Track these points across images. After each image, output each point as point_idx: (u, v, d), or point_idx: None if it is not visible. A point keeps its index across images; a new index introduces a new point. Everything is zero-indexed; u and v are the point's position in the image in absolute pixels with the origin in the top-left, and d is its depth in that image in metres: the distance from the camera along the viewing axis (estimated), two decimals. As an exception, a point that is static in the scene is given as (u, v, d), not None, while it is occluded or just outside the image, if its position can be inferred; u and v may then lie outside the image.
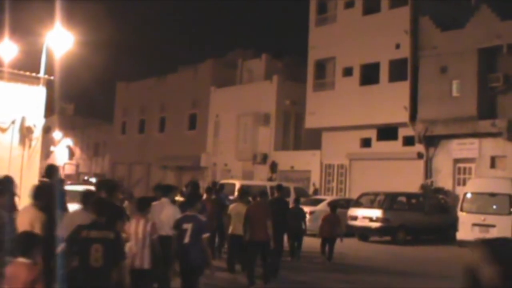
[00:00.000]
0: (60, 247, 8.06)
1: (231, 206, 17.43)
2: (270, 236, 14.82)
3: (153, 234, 10.13)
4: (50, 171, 11.81)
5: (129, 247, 9.83)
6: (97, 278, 7.51)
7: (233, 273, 16.69)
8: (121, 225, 9.09)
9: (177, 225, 10.63)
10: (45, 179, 11.72)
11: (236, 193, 22.92)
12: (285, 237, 18.84)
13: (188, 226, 10.33)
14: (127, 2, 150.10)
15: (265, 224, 14.72)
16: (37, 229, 8.88)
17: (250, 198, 17.26)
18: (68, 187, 16.17)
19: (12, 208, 10.06)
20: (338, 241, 20.88)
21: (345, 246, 23.69)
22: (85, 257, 7.52)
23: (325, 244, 20.39)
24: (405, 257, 23.34)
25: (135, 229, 10.07)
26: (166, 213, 11.81)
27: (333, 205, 21.87)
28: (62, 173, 71.10)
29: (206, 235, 10.54)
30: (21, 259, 6.69)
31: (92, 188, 12.22)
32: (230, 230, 16.79)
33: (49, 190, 10.34)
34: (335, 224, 20.43)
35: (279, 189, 18.76)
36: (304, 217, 21.56)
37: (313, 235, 26.94)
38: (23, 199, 11.71)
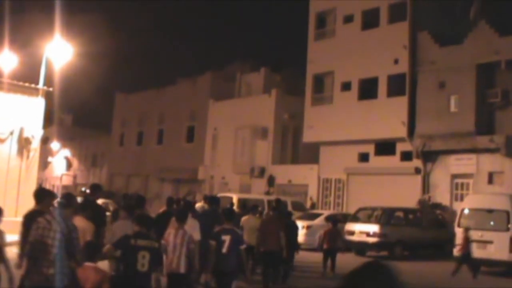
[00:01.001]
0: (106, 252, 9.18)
1: (243, 218, 18.47)
2: (283, 247, 16.15)
3: (191, 244, 11.28)
4: (94, 189, 13.46)
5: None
6: (143, 281, 8.61)
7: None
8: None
9: (216, 236, 11.71)
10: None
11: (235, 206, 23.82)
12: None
13: (226, 238, 11.50)
14: (126, 13, 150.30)
15: (278, 236, 16.01)
16: (88, 237, 9.97)
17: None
18: None
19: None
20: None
21: (342, 261, 23.64)
22: (133, 263, 8.57)
23: (327, 257, 21.09)
24: (402, 272, 23.23)
25: (173, 238, 11.14)
26: (188, 224, 12.46)
27: (333, 219, 23.07)
28: (59, 184, 71.04)
29: (242, 246, 11.86)
30: (89, 264, 8.26)
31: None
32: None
33: (94, 204, 11.97)
34: (336, 238, 21.49)
35: (277, 203, 20.23)
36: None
37: (311, 250, 27.00)
38: (22, 207, 11.74)
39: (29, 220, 9.11)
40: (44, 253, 8.10)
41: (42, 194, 9.65)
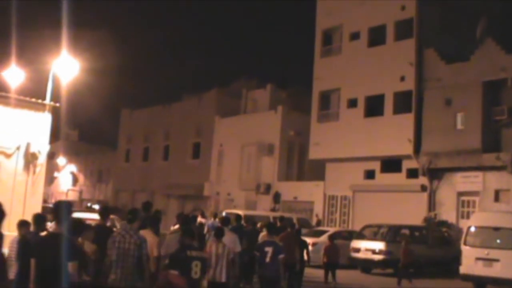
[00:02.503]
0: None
1: (262, 235, 19.02)
2: (297, 260, 18.01)
3: (230, 255, 12.74)
4: (147, 206, 14.83)
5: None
6: (195, 287, 10.00)
7: None
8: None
9: (260, 248, 13.77)
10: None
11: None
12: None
13: (269, 249, 13.38)
14: (133, 30, 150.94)
15: (294, 250, 17.65)
16: (154, 249, 10.96)
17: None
18: None
19: None
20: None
21: (348, 278, 23.66)
22: (187, 271, 10.01)
23: (328, 271, 22.71)
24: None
25: (215, 249, 12.48)
26: (227, 238, 13.86)
27: (331, 236, 24.64)
28: (65, 199, 70.97)
29: (281, 256, 13.49)
30: (173, 271, 9.74)
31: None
32: None
33: (155, 220, 13.13)
34: (336, 253, 23.12)
35: (281, 220, 22.28)
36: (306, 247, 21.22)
37: (317, 267, 26.89)
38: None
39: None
40: (123, 262, 9.52)
41: (106, 211, 10.54)
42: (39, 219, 11.14)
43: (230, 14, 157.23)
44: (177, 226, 16.89)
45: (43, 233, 8.90)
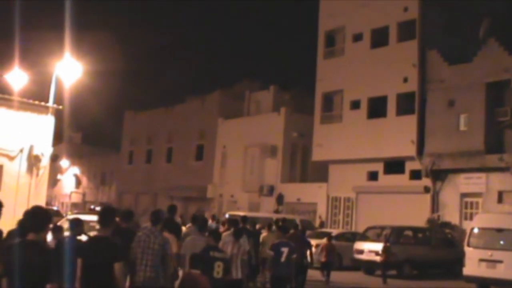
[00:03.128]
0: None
1: (264, 235, 20.27)
2: (303, 260, 18.44)
3: (244, 255, 13.55)
4: (172, 209, 15.52)
5: None
6: (217, 286, 10.53)
7: None
8: None
9: (276, 248, 14.60)
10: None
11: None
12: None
13: (284, 250, 14.30)
14: (136, 32, 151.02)
15: (299, 251, 17.37)
16: (174, 249, 11.25)
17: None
18: None
19: None
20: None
21: (351, 279, 23.67)
22: (210, 271, 10.58)
23: (324, 269, 23.96)
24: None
25: (231, 249, 13.05)
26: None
27: (330, 237, 25.52)
28: (68, 201, 71.17)
29: (294, 256, 14.55)
30: (195, 271, 9.92)
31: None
32: (263, 255, 19.14)
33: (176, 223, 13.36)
34: (333, 252, 24.40)
35: (283, 222, 22.85)
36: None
37: (320, 268, 26.90)
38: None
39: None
40: (147, 261, 9.82)
41: (130, 215, 10.74)
42: (76, 223, 11.43)
43: (233, 16, 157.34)
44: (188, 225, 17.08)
45: (90, 236, 9.61)
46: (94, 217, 16.25)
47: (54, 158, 47.78)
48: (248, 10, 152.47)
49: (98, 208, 48.24)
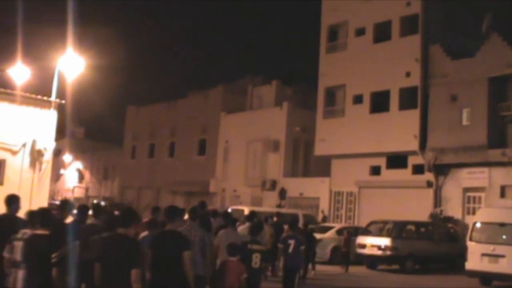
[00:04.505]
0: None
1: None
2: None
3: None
4: (203, 205, 16.32)
5: None
6: (255, 275, 11.72)
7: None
8: None
9: (284, 240, 15.37)
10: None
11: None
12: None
13: (291, 242, 15.06)
14: (139, 26, 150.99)
15: None
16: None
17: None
18: None
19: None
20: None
21: (354, 274, 23.69)
22: (249, 261, 11.69)
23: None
24: (414, 286, 23.23)
25: None
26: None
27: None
28: (71, 196, 71.25)
29: (303, 247, 15.47)
30: (232, 258, 11.18)
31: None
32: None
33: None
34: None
35: (278, 216, 24.61)
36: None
37: (323, 263, 26.98)
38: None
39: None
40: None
41: (174, 211, 10.76)
42: (83, 210, 12.40)
43: (235, 11, 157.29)
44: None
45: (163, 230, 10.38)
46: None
47: (57, 153, 47.86)
48: (251, 5, 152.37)
49: (102, 203, 48.31)
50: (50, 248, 8.71)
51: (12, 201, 10.79)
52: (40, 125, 23.75)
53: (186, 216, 12.26)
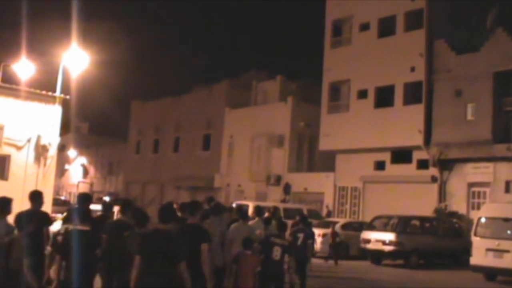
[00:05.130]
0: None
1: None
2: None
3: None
4: (211, 199, 16.12)
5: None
6: (276, 267, 12.34)
7: None
8: None
9: (294, 234, 16.25)
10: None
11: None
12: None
13: (300, 235, 16.10)
14: (143, 21, 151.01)
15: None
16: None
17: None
18: None
19: None
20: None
21: (358, 269, 23.68)
22: (269, 254, 12.30)
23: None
24: (418, 281, 23.22)
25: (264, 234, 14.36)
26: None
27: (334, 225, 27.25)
28: (76, 191, 71.36)
29: (310, 241, 16.58)
30: (247, 251, 11.77)
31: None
32: None
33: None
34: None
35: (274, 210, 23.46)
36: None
37: (327, 258, 26.99)
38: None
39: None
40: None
41: (195, 206, 11.11)
42: (85, 197, 12.31)
43: (240, 6, 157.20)
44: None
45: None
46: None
47: (62, 148, 47.89)
48: (256, 0, 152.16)
49: (106, 198, 48.39)
50: (90, 242, 9.09)
51: (35, 196, 11.44)
52: (44, 121, 23.76)
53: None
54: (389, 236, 27.29)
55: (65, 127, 29.93)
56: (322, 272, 22.31)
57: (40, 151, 23.53)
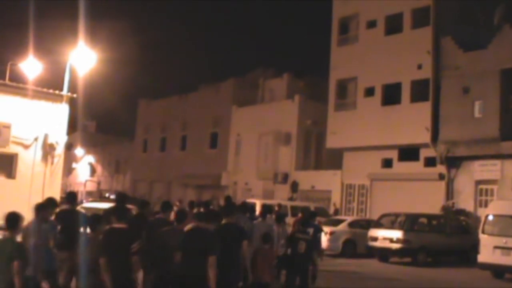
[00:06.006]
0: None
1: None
2: None
3: (286, 234, 15.61)
4: (229, 199, 17.38)
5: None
6: (301, 259, 14.13)
7: None
8: None
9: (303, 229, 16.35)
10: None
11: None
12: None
13: (310, 230, 16.37)
14: (150, 20, 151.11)
15: None
16: None
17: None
18: None
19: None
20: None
21: (365, 266, 23.65)
22: (295, 247, 14.08)
23: None
24: (426, 279, 23.21)
25: (277, 230, 15.15)
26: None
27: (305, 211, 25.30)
28: (83, 190, 71.49)
29: (319, 234, 17.85)
30: (266, 245, 12.95)
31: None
32: None
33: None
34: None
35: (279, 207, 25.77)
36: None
37: (335, 255, 26.98)
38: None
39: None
40: None
41: (232, 207, 12.53)
42: (73, 196, 13.53)
43: (246, 4, 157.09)
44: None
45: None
46: (107, 205, 16.86)
47: (69, 147, 47.97)
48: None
49: (112, 196, 48.45)
50: (128, 240, 9.48)
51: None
52: (52, 119, 23.80)
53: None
54: (397, 234, 27.27)
55: (72, 126, 29.96)
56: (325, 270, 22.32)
57: (48, 149, 23.57)
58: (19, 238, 9.87)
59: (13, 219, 9.21)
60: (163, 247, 10.67)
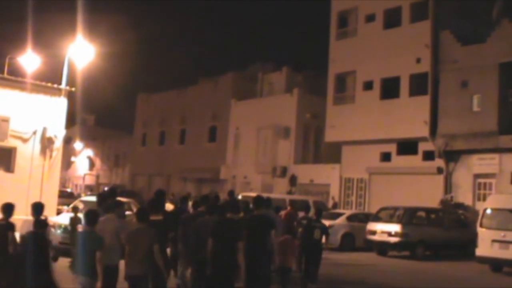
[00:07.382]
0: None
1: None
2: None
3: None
4: (232, 193, 19.22)
5: None
6: (316, 244, 16.03)
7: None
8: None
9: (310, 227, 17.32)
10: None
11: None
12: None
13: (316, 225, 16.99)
14: (149, 14, 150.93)
15: (293, 226, 20.15)
16: None
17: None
18: None
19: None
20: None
21: (364, 260, 23.68)
22: (311, 235, 15.89)
23: None
24: (424, 273, 23.23)
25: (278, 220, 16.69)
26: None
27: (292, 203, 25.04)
28: (82, 183, 71.53)
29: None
30: (288, 236, 14.64)
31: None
32: None
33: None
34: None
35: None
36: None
37: (333, 249, 27.01)
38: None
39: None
40: None
41: (261, 200, 13.41)
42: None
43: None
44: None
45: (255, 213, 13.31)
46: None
47: (67, 140, 47.97)
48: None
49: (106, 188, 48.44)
50: (162, 230, 11.47)
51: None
52: (50, 113, 23.85)
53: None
54: (395, 228, 27.28)
55: (71, 120, 29.97)
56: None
57: (46, 143, 23.63)
58: None
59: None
60: (196, 238, 12.07)
